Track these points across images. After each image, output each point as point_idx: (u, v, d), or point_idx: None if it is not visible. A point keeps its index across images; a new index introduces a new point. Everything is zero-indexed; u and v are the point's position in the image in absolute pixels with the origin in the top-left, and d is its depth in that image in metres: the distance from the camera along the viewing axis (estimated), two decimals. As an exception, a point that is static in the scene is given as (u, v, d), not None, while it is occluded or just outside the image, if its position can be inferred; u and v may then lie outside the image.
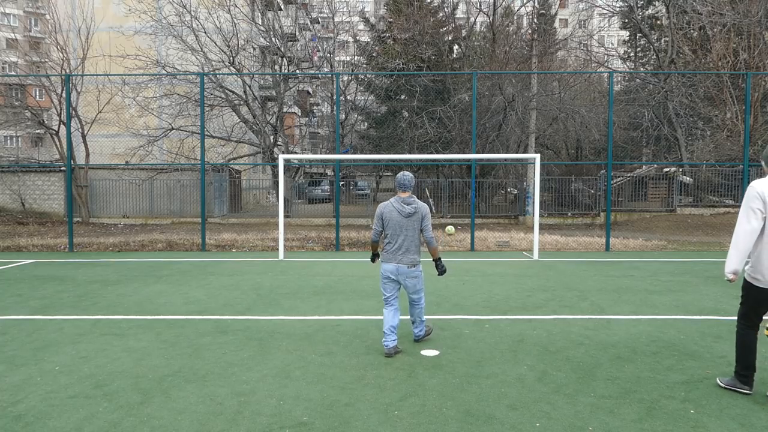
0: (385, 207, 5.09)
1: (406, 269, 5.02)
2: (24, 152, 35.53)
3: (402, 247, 5.01)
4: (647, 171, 22.67)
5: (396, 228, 5.01)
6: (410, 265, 5.02)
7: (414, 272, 5.09)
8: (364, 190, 28.76)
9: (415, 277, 5.09)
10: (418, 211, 5.00)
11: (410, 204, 5.02)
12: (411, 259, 5.02)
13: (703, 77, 20.78)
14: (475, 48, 25.92)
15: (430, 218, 5.06)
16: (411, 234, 5.01)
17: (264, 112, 22.63)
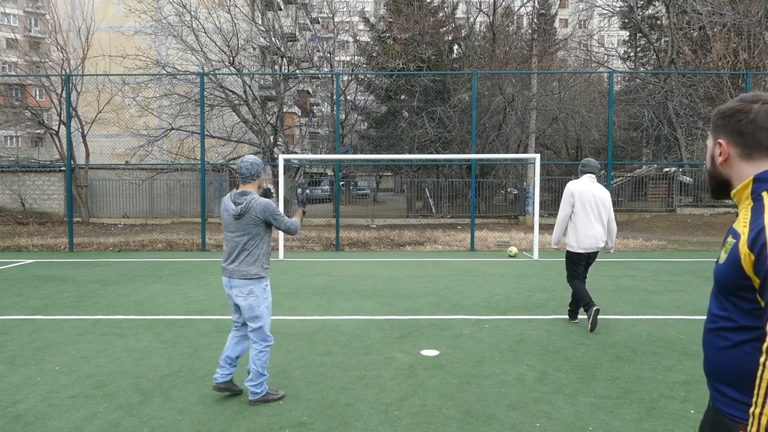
0: (222, 203, 4.08)
1: (238, 283, 3.92)
2: (24, 152, 35.52)
3: (232, 255, 3.96)
4: (647, 171, 22.69)
5: (227, 230, 4.02)
6: (242, 278, 3.92)
7: (248, 287, 3.92)
8: (364, 190, 28.77)
9: (249, 294, 3.92)
10: (250, 211, 3.90)
11: (240, 203, 3.93)
12: (244, 271, 3.91)
13: (703, 77, 20.78)
14: (475, 48, 25.92)
15: (276, 211, 3.99)
16: (245, 239, 3.94)
17: (264, 112, 22.62)
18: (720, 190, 1.64)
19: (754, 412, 1.35)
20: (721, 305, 1.52)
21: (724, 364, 1.50)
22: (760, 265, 1.38)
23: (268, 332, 4.03)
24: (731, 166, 1.58)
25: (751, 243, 1.41)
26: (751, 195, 1.53)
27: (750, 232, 1.43)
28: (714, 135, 1.62)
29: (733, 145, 1.56)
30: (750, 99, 1.56)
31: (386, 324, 6.11)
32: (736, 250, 1.45)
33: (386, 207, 27.28)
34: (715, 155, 1.61)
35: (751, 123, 1.53)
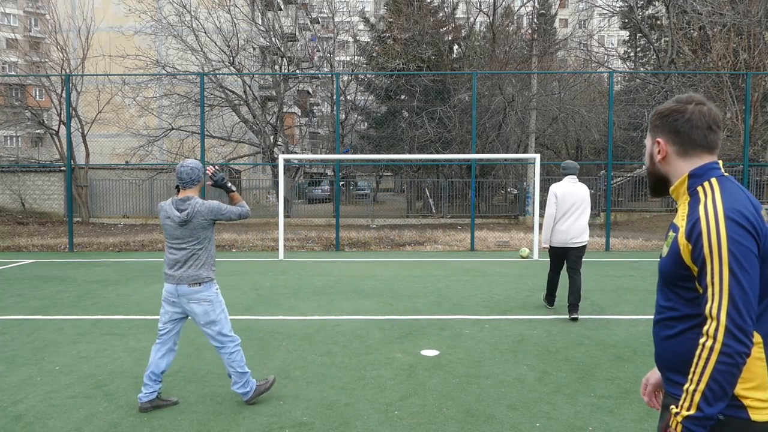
0: (161, 210, 3.90)
1: (187, 288, 3.78)
2: (24, 152, 35.52)
3: (180, 261, 3.81)
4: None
5: (171, 238, 3.86)
6: (192, 283, 3.78)
7: (200, 294, 3.80)
8: (364, 190, 28.77)
9: (203, 300, 3.81)
10: (196, 216, 3.77)
11: (184, 209, 3.78)
12: (194, 276, 3.78)
13: (703, 77, 20.78)
14: (475, 48, 25.91)
15: (221, 208, 3.88)
16: (192, 245, 3.81)
17: (264, 112, 22.63)
18: (659, 187, 1.74)
19: (688, 389, 1.44)
20: (666, 296, 1.62)
21: (670, 352, 1.59)
22: (697, 253, 1.48)
23: (229, 332, 3.91)
24: (669, 164, 1.68)
25: (688, 233, 1.52)
26: (687, 190, 1.63)
27: (687, 224, 1.54)
28: (652, 134, 1.71)
29: (671, 143, 1.66)
30: (685, 100, 1.66)
31: (386, 324, 6.11)
32: (676, 243, 1.56)
33: (386, 207, 27.29)
34: (654, 153, 1.71)
35: (686, 122, 1.63)
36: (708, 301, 1.45)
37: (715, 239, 1.45)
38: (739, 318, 1.40)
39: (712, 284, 1.44)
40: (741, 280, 1.42)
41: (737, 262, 1.43)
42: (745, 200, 1.52)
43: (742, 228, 1.45)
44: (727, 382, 1.40)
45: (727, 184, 1.58)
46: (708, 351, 1.41)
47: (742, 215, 1.47)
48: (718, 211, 1.48)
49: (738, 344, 1.39)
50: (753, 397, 1.47)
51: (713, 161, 1.63)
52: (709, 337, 1.42)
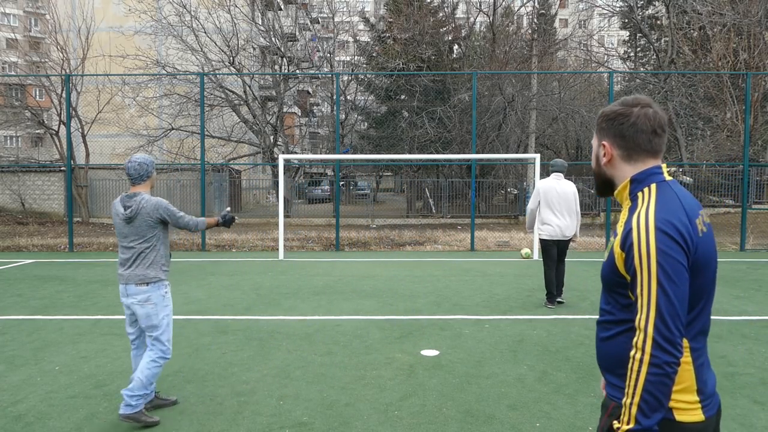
0: (113, 206, 3.81)
1: (134, 288, 3.64)
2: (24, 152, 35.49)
3: (129, 260, 3.69)
4: (647, 171, 22.64)
5: (119, 236, 3.74)
6: (139, 283, 3.64)
7: (145, 294, 3.64)
8: (364, 190, 28.77)
9: (146, 302, 3.65)
10: (141, 213, 3.64)
11: (129, 205, 3.68)
12: (141, 275, 3.64)
13: (703, 77, 20.78)
14: (475, 48, 25.92)
15: (170, 208, 3.78)
16: (139, 243, 3.68)
17: (264, 112, 22.63)
18: (605, 189, 1.74)
19: (626, 402, 1.46)
20: (606, 300, 1.65)
21: (606, 353, 1.63)
22: (629, 263, 1.50)
23: (167, 344, 3.71)
24: (614, 167, 1.68)
25: (621, 242, 1.53)
26: (629, 195, 1.64)
27: (622, 232, 1.54)
28: (598, 137, 1.71)
29: (616, 147, 1.66)
30: (631, 103, 1.64)
31: (386, 324, 6.11)
32: (613, 249, 1.57)
33: (386, 207, 27.28)
34: (599, 156, 1.70)
35: (631, 126, 1.62)
36: (637, 312, 1.46)
37: (645, 251, 1.46)
38: (666, 330, 1.41)
39: (641, 296, 1.46)
40: (668, 292, 1.43)
41: (665, 275, 1.43)
42: (678, 209, 1.52)
43: (672, 239, 1.45)
44: (661, 392, 1.41)
45: (664, 191, 1.58)
46: (638, 363, 1.43)
47: (673, 226, 1.47)
48: (649, 222, 1.48)
49: (665, 355, 1.41)
50: (679, 400, 1.50)
51: (656, 165, 1.63)
52: (638, 349, 1.44)
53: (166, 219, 3.75)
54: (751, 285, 8.33)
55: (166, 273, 3.78)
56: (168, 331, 3.75)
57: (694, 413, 1.50)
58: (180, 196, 22.10)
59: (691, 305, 1.52)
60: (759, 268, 10.05)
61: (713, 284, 1.57)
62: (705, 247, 1.52)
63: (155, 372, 3.67)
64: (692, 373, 1.52)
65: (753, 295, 7.61)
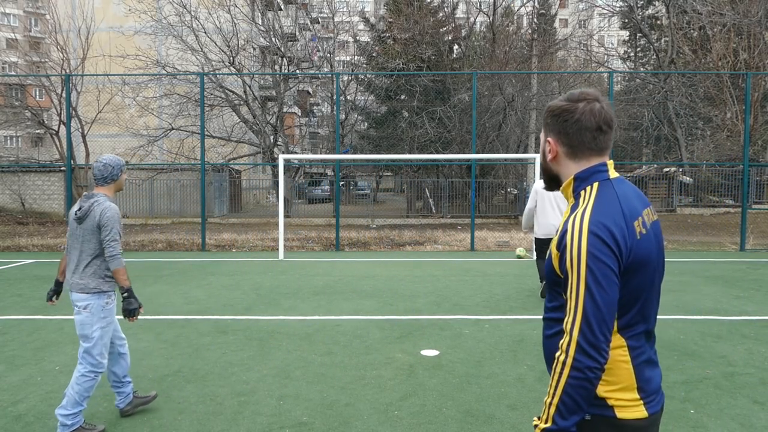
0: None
1: (75, 295, 3.49)
2: (24, 152, 35.51)
3: (74, 264, 3.55)
4: (647, 171, 22.68)
5: (70, 236, 3.60)
6: (80, 291, 3.49)
7: (85, 302, 3.47)
8: (364, 190, 28.77)
9: (84, 309, 3.47)
10: (90, 215, 3.48)
11: (83, 205, 3.53)
12: (82, 284, 3.49)
13: (703, 77, 20.78)
14: (475, 48, 25.91)
15: (111, 225, 3.49)
16: (84, 247, 3.52)
17: (264, 112, 22.63)
18: (551, 184, 1.72)
19: (546, 401, 1.46)
20: (549, 297, 1.64)
21: (549, 350, 1.62)
22: (562, 264, 1.49)
23: (98, 357, 3.48)
24: (559, 164, 1.65)
25: (558, 243, 1.52)
26: (572, 192, 1.62)
27: (559, 233, 1.53)
28: (544, 132, 1.68)
29: (560, 144, 1.63)
30: (576, 98, 1.60)
31: (386, 324, 6.11)
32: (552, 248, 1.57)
33: (386, 207, 27.28)
34: (545, 151, 1.67)
35: (575, 123, 1.58)
36: (566, 315, 1.46)
37: (576, 254, 1.44)
38: (591, 334, 1.40)
39: (570, 298, 1.45)
40: (596, 297, 1.41)
41: (594, 279, 1.42)
42: (615, 211, 1.49)
43: (604, 243, 1.44)
44: (579, 396, 1.41)
45: (605, 191, 1.55)
46: (561, 365, 1.43)
47: (606, 230, 1.45)
48: (583, 225, 1.46)
49: (588, 359, 1.40)
50: (620, 398, 1.50)
51: (601, 163, 1.60)
52: (563, 351, 1.44)
53: (104, 231, 3.48)
54: (751, 285, 8.33)
55: (110, 285, 3.59)
56: (99, 345, 3.49)
57: (635, 410, 1.50)
58: (180, 196, 22.10)
59: (629, 305, 1.51)
60: (759, 268, 10.05)
61: (653, 284, 1.55)
62: (644, 248, 1.50)
63: (87, 386, 3.45)
64: (631, 372, 1.51)
65: (753, 295, 7.61)
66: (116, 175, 3.62)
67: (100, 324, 3.50)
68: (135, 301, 3.57)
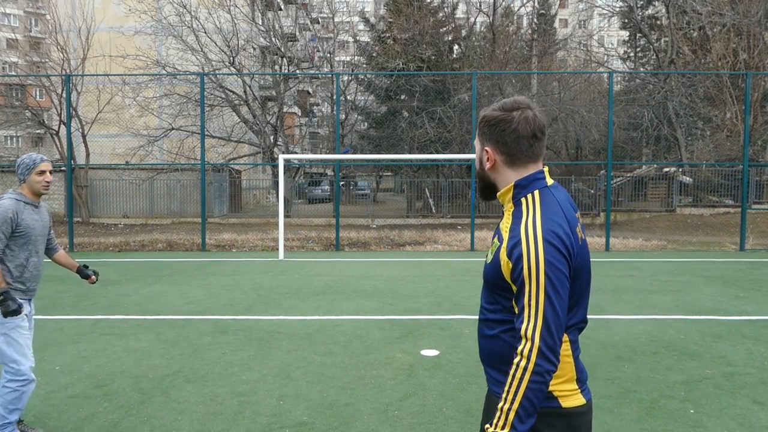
0: None
1: None
2: (24, 152, 35.52)
3: None
4: (647, 171, 22.68)
5: None
6: None
7: None
8: (364, 190, 28.76)
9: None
10: None
11: None
12: None
13: (702, 77, 20.78)
14: (475, 48, 25.92)
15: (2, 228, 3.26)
16: None
17: (264, 112, 22.63)
18: (488, 192, 1.75)
19: (503, 408, 1.49)
20: (488, 299, 1.67)
21: (489, 350, 1.66)
22: (516, 274, 1.52)
23: (12, 365, 3.20)
24: (497, 172, 1.68)
25: (509, 252, 1.54)
26: (512, 199, 1.65)
27: (509, 240, 1.56)
28: (481, 141, 1.70)
29: (499, 152, 1.66)
30: (510, 107, 1.64)
31: (386, 324, 6.11)
32: (499, 255, 1.59)
33: (386, 207, 27.28)
34: (483, 160, 1.70)
35: (512, 133, 1.62)
36: (524, 321, 1.48)
37: (534, 263, 1.48)
38: (551, 339, 1.46)
39: (529, 306, 1.48)
40: (554, 304, 1.47)
41: (552, 286, 1.47)
42: (562, 220, 1.56)
43: (558, 251, 1.50)
44: (537, 399, 1.47)
45: (548, 198, 1.60)
46: (522, 371, 1.46)
47: (559, 238, 1.51)
48: (537, 234, 1.51)
49: (548, 363, 1.46)
50: (564, 389, 1.58)
51: (539, 170, 1.65)
52: (523, 357, 1.47)
53: None
54: (750, 285, 8.34)
55: (19, 290, 3.31)
56: (10, 352, 3.20)
57: (576, 398, 1.59)
58: (180, 196, 22.11)
59: (574, 306, 1.59)
60: (759, 268, 10.05)
61: (588, 285, 1.65)
62: (583, 253, 1.60)
63: (12, 397, 3.19)
64: (572, 365, 1.60)
65: (753, 295, 7.62)
66: (23, 175, 3.33)
67: (5, 328, 3.20)
68: (13, 303, 3.16)
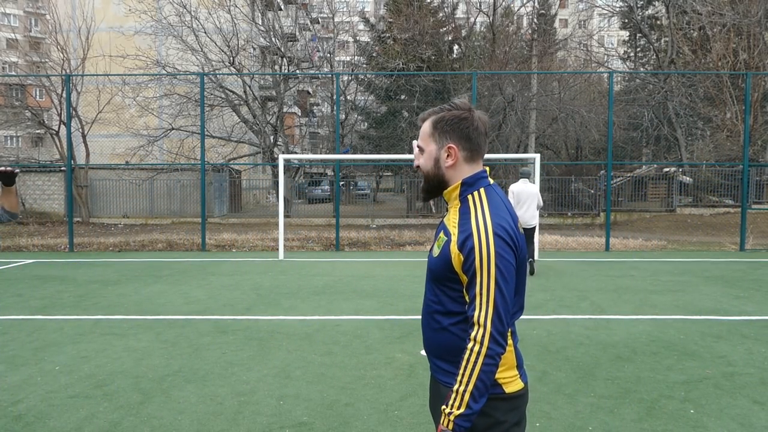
0: None
1: None
2: (24, 152, 35.51)
3: None
4: (647, 171, 22.68)
5: None
6: None
7: None
8: (364, 190, 28.76)
9: None
10: None
11: None
12: None
13: (702, 77, 20.78)
14: (475, 48, 25.91)
15: None
16: None
17: (264, 112, 22.63)
18: (435, 192, 1.79)
19: (458, 390, 1.58)
20: (434, 292, 1.74)
21: (437, 343, 1.74)
22: (468, 265, 1.60)
23: None
24: (455, 169, 1.73)
25: (460, 245, 1.62)
26: (459, 197, 1.72)
27: (459, 234, 1.64)
28: (440, 140, 1.75)
29: (461, 149, 1.72)
30: (466, 106, 1.74)
31: (386, 324, 6.11)
32: (448, 249, 1.65)
33: (386, 207, 27.28)
34: (441, 158, 1.74)
35: (475, 129, 1.71)
36: (476, 309, 1.58)
37: (485, 255, 1.57)
38: (501, 325, 1.57)
39: (480, 295, 1.57)
40: (504, 292, 1.58)
41: (502, 276, 1.58)
42: (506, 213, 1.66)
43: (507, 244, 1.60)
44: (489, 380, 1.57)
45: (492, 195, 1.69)
46: (476, 355, 1.56)
47: (506, 231, 1.61)
48: (488, 228, 1.60)
49: (498, 347, 1.57)
50: (506, 376, 1.69)
51: (483, 169, 1.74)
52: (477, 342, 1.56)
53: None
54: (751, 285, 8.34)
55: None
56: None
57: (516, 383, 1.70)
58: (180, 196, 22.11)
59: (516, 297, 1.69)
60: (759, 268, 10.05)
61: (525, 276, 1.74)
62: (523, 246, 1.70)
63: None
64: (513, 353, 1.72)
65: (753, 295, 7.62)
66: None
67: None
68: None
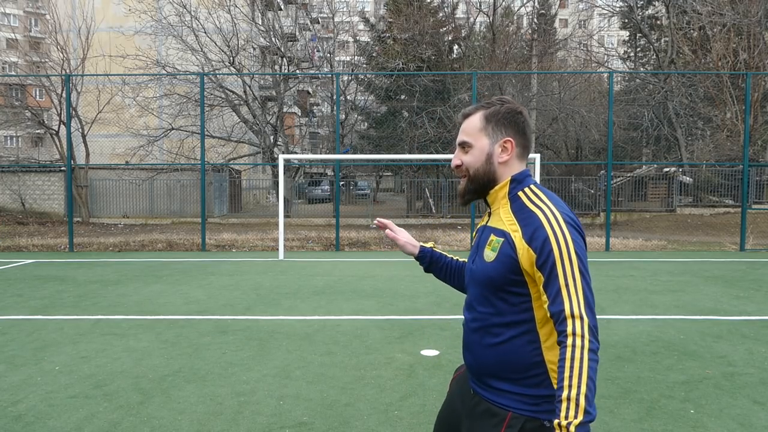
0: None
1: None
2: (24, 152, 35.52)
3: None
4: (647, 171, 22.69)
5: None
6: None
7: None
8: (364, 190, 28.77)
9: None
10: None
11: None
12: None
13: (703, 77, 20.78)
14: (475, 48, 25.91)
15: None
16: None
17: (264, 112, 22.64)
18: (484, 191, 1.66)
19: (569, 396, 1.36)
20: (490, 303, 1.57)
21: (496, 359, 1.55)
22: (544, 258, 1.47)
23: None
24: (508, 165, 1.64)
25: (528, 239, 1.49)
26: (508, 194, 1.61)
27: (524, 228, 1.51)
28: (494, 133, 1.64)
29: (518, 144, 1.64)
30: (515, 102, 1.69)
31: (386, 324, 6.11)
32: (510, 248, 1.52)
33: (386, 207, 27.28)
34: (495, 153, 1.63)
35: (528, 126, 1.67)
36: (564, 302, 1.43)
37: (564, 245, 1.47)
38: (593, 318, 1.44)
39: (567, 286, 1.44)
40: (588, 282, 1.47)
41: (583, 265, 1.48)
42: (566, 205, 1.58)
43: (579, 234, 1.51)
44: (596, 378, 1.40)
45: (545, 190, 1.61)
46: (580, 350, 1.39)
47: (574, 221, 1.53)
48: (557, 217, 1.50)
49: (596, 342, 1.43)
50: None
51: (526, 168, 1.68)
52: (577, 335, 1.40)
53: None
54: (751, 285, 8.34)
55: None
56: None
57: None
58: (180, 196, 22.11)
59: None
60: (759, 268, 10.05)
61: None
62: None
63: None
64: None
65: (753, 295, 7.62)
66: None
67: None
68: None
